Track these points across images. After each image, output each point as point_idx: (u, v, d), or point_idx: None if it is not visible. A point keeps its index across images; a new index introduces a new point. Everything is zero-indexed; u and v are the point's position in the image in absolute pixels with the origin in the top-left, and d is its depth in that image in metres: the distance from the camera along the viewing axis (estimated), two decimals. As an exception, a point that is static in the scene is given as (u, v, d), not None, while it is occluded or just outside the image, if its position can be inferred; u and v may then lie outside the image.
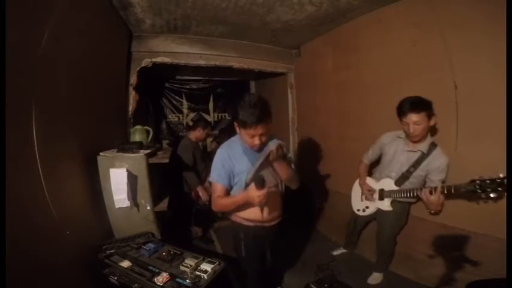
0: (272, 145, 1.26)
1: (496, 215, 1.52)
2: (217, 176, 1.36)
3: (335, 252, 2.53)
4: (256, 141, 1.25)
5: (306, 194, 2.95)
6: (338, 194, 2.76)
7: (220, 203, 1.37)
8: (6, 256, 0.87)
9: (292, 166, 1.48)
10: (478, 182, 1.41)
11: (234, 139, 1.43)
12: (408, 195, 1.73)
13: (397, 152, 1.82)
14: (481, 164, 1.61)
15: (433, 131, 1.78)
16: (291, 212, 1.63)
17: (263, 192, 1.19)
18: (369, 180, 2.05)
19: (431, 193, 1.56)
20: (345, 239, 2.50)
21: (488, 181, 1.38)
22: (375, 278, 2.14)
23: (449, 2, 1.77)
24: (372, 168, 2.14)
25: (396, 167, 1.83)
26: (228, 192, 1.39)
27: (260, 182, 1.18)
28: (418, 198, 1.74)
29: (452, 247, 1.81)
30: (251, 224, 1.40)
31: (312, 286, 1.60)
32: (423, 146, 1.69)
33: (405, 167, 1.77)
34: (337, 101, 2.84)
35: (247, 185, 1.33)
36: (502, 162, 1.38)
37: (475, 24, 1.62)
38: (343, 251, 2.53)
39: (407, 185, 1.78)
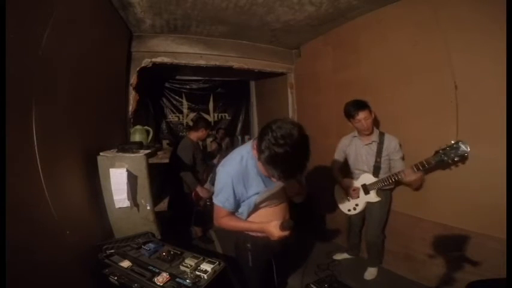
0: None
1: (495, 214, 1.52)
2: (224, 200, 1.17)
3: (337, 257, 2.49)
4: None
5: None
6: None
7: (226, 224, 1.24)
8: (6, 256, 0.87)
9: (303, 180, 1.40)
10: (440, 151, 1.66)
11: (245, 154, 1.16)
12: (389, 181, 1.91)
13: (357, 149, 2.10)
14: (480, 164, 1.61)
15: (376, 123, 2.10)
16: (290, 211, 1.62)
17: (286, 234, 1.13)
18: (349, 181, 2.14)
19: (408, 174, 1.78)
20: (347, 242, 2.49)
21: (448, 148, 1.64)
22: (371, 272, 2.16)
23: (449, 2, 1.77)
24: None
25: (363, 162, 2.06)
26: (233, 214, 1.26)
27: (287, 227, 1.12)
28: (397, 182, 1.95)
29: (452, 247, 1.81)
30: (260, 234, 1.28)
31: (312, 286, 1.60)
32: (375, 137, 2.01)
33: (372, 159, 2.01)
34: (337, 101, 2.82)
35: (255, 206, 1.23)
36: (501, 162, 1.39)
37: (475, 24, 1.62)
38: (347, 256, 2.48)
39: (382, 173, 1.99)
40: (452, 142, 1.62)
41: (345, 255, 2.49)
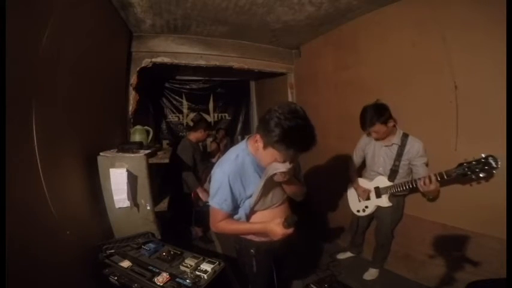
0: (273, 168, 1.06)
1: (495, 214, 1.52)
2: (222, 201, 1.12)
3: (340, 256, 2.49)
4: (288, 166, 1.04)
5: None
6: (337, 193, 2.76)
7: (225, 228, 1.19)
8: (6, 256, 0.87)
9: (301, 179, 1.37)
10: (465, 164, 1.51)
11: (240, 152, 1.14)
12: (404, 188, 1.81)
13: (376, 149, 1.99)
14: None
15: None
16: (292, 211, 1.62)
17: (289, 232, 1.06)
18: (363, 182, 2.10)
19: (429, 182, 1.62)
20: (350, 241, 2.49)
21: (474, 162, 1.48)
22: (372, 273, 2.16)
23: (449, 2, 1.77)
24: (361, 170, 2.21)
25: (380, 163, 1.97)
26: (231, 217, 1.21)
27: (291, 223, 1.05)
28: (412, 190, 1.84)
29: (452, 247, 1.81)
30: (263, 239, 1.26)
31: (312, 286, 1.60)
32: (396, 139, 1.87)
33: (389, 162, 1.91)
34: (337, 101, 2.84)
35: (251, 209, 1.20)
36: (501, 162, 1.39)
37: (475, 24, 1.62)
38: (350, 254, 2.48)
39: (398, 178, 1.89)
40: (482, 156, 1.44)
41: (348, 254, 2.49)
